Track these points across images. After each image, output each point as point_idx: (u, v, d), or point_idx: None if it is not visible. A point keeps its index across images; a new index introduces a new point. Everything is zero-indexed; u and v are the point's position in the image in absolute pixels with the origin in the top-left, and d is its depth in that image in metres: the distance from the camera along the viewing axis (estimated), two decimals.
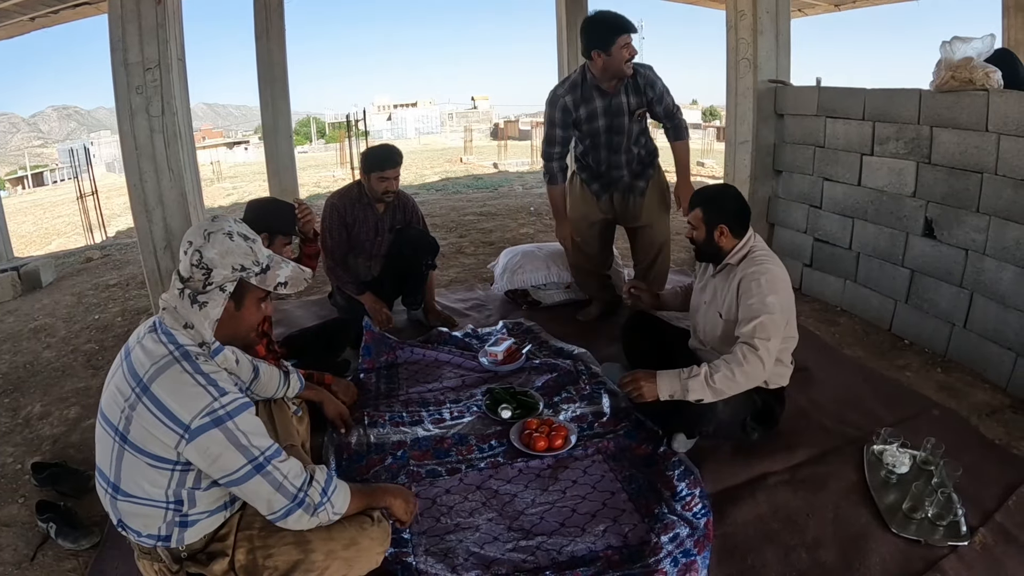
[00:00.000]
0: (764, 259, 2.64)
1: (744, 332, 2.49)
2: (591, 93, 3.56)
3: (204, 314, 1.68)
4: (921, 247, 3.78)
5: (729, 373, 2.43)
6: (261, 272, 1.74)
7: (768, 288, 2.52)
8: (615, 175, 3.79)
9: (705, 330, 2.85)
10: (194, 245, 1.66)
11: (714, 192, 2.80)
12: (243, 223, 1.78)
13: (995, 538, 2.21)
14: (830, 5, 9.75)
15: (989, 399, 3.24)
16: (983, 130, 3.34)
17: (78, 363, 3.94)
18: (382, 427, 2.87)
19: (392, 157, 3.80)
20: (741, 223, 2.69)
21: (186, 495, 1.67)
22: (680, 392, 2.47)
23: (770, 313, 2.48)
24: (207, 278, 1.66)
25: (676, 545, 2.10)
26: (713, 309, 2.78)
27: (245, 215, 2.93)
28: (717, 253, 2.73)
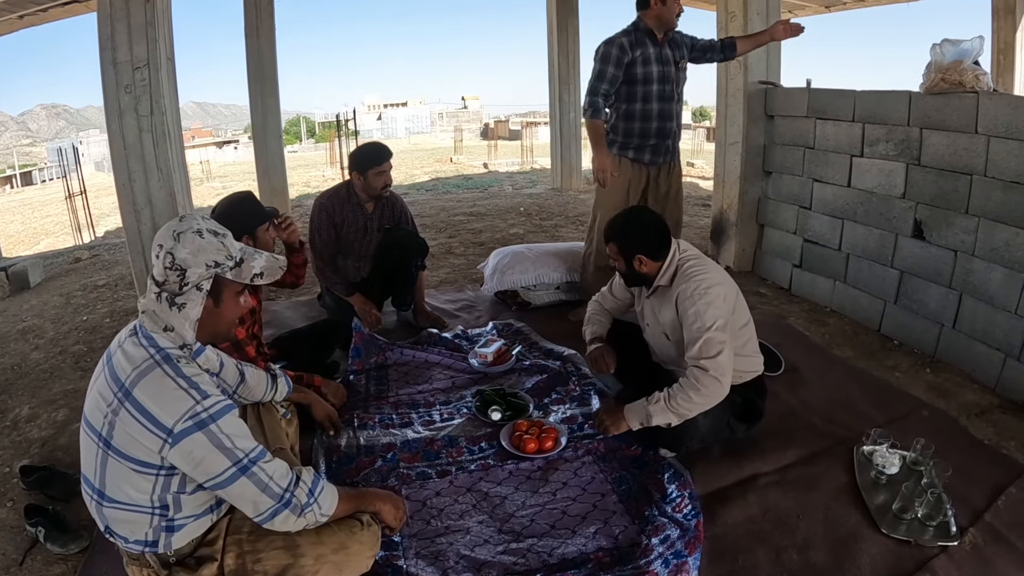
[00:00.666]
0: (694, 271, 2.59)
1: (692, 355, 2.47)
2: (644, 39, 3.71)
3: (184, 315, 1.66)
4: (910, 248, 3.79)
5: (686, 396, 2.42)
6: (236, 266, 1.72)
7: (703, 305, 2.48)
8: (668, 127, 3.85)
9: (660, 349, 2.85)
10: (165, 248, 1.63)
11: (620, 225, 2.72)
12: (212, 219, 1.76)
13: (985, 538, 2.22)
14: (820, 6, 9.82)
15: (978, 399, 3.25)
16: (973, 132, 3.35)
17: (66, 365, 3.91)
18: (372, 429, 2.86)
19: (386, 150, 3.85)
20: (656, 247, 2.65)
21: (171, 500, 1.66)
22: (646, 419, 2.49)
23: (712, 330, 2.45)
24: (182, 279, 1.63)
25: (667, 546, 2.09)
26: (658, 330, 2.77)
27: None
28: (644, 278, 2.71)
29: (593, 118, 3.79)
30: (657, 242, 2.65)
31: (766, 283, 5.03)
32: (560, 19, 9.50)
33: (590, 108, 3.78)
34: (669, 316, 2.64)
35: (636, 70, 3.70)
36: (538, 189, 11.03)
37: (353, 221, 3.88)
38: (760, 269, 5.18)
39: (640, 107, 3.77)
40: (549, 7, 9.64)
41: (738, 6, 4.78)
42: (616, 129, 3.87)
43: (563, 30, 9.55)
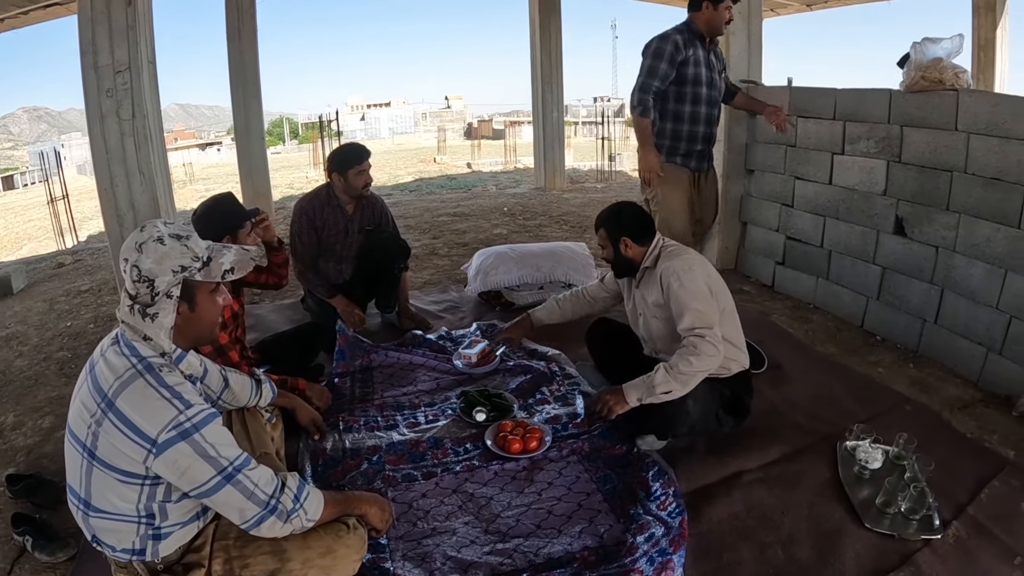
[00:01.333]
0: (676, 251, 2.78)
1: (683, 327, 2.58)
2: (695, 41, 3.71)
3: (158, 325, 1.65)
4: (892, 245, 3.83)
5: (687, 362, 2.49)
6: (204, 266, 1.70)
7: (687, 279, 2.63)
8: (712, 132, 3.87)
9: (653, 338, 2.91)
10: (130, 261, 1.62)
11: (611, 210, 2.91)
12: (172, 223, 1.74)
13: (968, 531, 2.25)
14: (802, 5, 9.87)
15: (961, 393, 3.29)
16: (953, 129, 3.40)
17: (51, 371, 3.89)
18: (357, 432, 2.85)
19: (364, 150, 3.87)
20: (643, 231, 2.82)
21: (157, 508, 1.65)
22: (647, 392, 2.52)
23: (698, 299, 2.59)
24: (152, 289, 1.62)
25: (652, 544, 2.11)
26: (649, 315, 2.85)
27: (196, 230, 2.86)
28: (631, 264, 2.85)
29: (643, 116, 3.71)
30: (642, 227, 2.81)
31: (749, 280, 5.06)
32: (543, 18, 9.54)
33: (639, 106, 3.70)
34: (655, 295, 2.74)
35: (688, 70, 3.68)
36: (522, 189, 11.05)
37: (334, 223, 3.88)
38: (743, 267, 5.21)
39: (689, 109, 3.75)
40: (532, 7, 9.68)
41: None
42: (663, 132, 3.83)
43: (546, 29, 9.59)
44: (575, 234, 6.89)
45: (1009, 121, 3.12)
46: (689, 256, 2.76)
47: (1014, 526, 2.28)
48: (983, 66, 8.67)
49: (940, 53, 3.50)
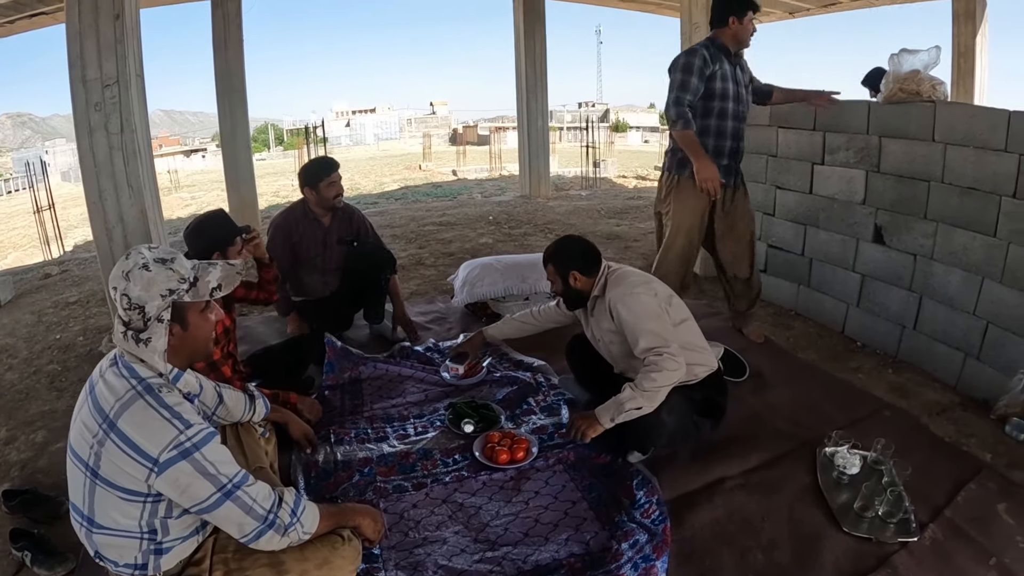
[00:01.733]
0: (619, 276, 2.87)
1: (640, 350, 2.64)
2: (720, 55, 3.68)
3: (152, 348, 1.68)
4: (871, 253, 3.91)
5: (650, 379, 2.55)
6: (191, 286, 1.74)
7: (633, 302, 2.72)
8: (740, 147, 3.84)
9: (616, 359, 2.98)
10: (119, 289, 1.67)
11: (557, 245, 3.01)
12: (157, 247, 1.78)
13: (944, 533, 2.32)
14: (785, 13, 9.96)
15: (939, 398, 3.37)
16: (930, 140, 3.48)
17: (41, 385, 3.88)
18: (348, 444, 2.89)
19: (333, 162, 3.98)
20: (589, 264, 2.90)
21: (159, 524, 1.69)
22: (617, 411, 2.58)
23: (647, 322, 2.67)
24: (143, 315, 1.66)
25: (636, 551, 2.17)
26: (606, 340, 2.93)
27: (189, 249, 2.91)
28: (580, 295, 2.95)
29: (685, 128, 3.62)
30: (588, 260, 2.90)
31: None
32: (527, 28, 9.57)
33: (680, 120, 3.62)
34: (608, 322, 2.83)
35: (715, 84, 3.65)
36: (507, 197, 11.07)
37: (311, 236, 3.93)
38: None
39: (715, 123, 3.71)
40: (516, 16, 9.71)
41: (701, 17, 4.90)
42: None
43: (530, 39, 9.62)
44: None
45: (985, 132, 3.20)
46: (632, 279, 2.83)
47: (990, 528, 2.35)
48: (963, 74, 8.75)
49: (917, 65, 3.59)
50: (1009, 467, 2.75)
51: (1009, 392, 3.08)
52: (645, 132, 54.10)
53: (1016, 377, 3.08)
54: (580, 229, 7.54)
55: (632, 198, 10.78)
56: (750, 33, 3.70)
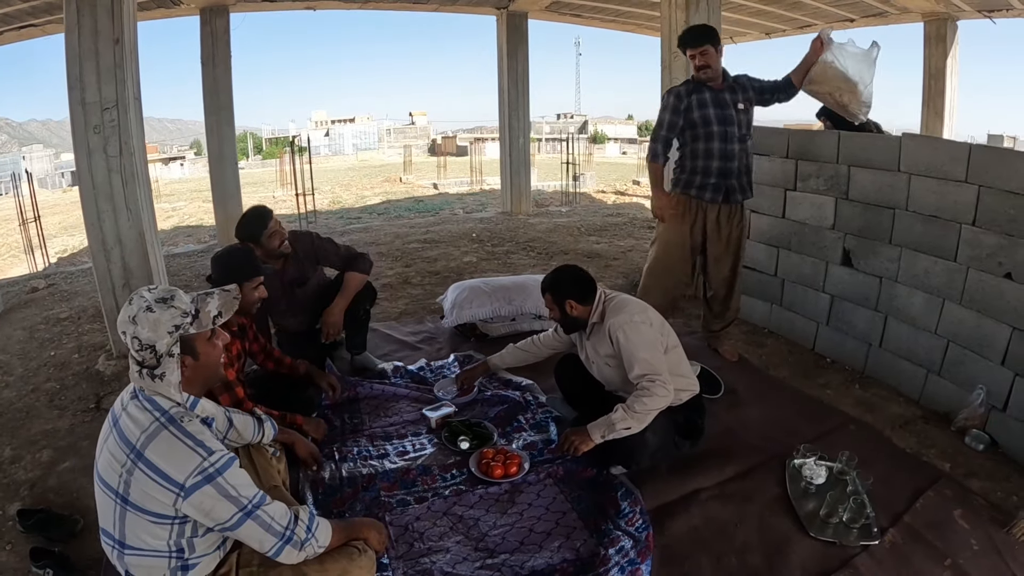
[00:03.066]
0: (616, 306, 3.00)
1: (634, 375, 2.83)
2: (701, 87, 3.95)
3: (167, 383, 1.83)
4: (840, 275, 4.12)
5: (641, 403, 2.74)
6: (193, 319, 1.87)
7: (631, 331, 2.87)
8: (730, 167, 3.97)
9: (608, 380, 3.15)
10: (128, 334, 1.79)
11: (552, 277, 3.14)
12: (156, 288, 1.90)
13: (903, 537, 2.53)
14: (761, 33, 10.22)
15: (903, 412, 3.56)
16: (896, 170, 3.69)
17: (41, 403, 3.91)
18: (352, 461, 3.04)
19: (265, 211, 3.73)
20: (584, 292, 3.04)
21: (186, 543, 1.83)
22: (608, 430, 2.77)
23: (643, 351, 2.84)
24: (155, 354, 1.80)
25: (622, 556, 2.36)
26: (601, 363, 3.09)
27: (212, 272, 3.15)
28: (576, 322, 3.08)
29: (652, 161, 4.07)
30: (584, 289, 3.04)
31: None
32: (511, 47, 9.67)
33: (649, 153, 4.07)
34: (606, 348, 2.99)
35: (693, 115, 3.91)
36: (488, 213, 11.12)
37: (269, 287, 3.47)
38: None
39: (703, 146, 3.94)
40: (500, 35, 9.81)
41: None
42: (683, 167, 4.09)
43: (513, 58, 9.71)
44: (542, 261, 7.05)
45: (947, 164, 3.40)
46: (631, 307, 2.98)
47: (946, 532, 2.56)
48: (933, 94, 8.96)
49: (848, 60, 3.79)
50: (967, 476, 2.96)
51: (968, 406, 3.29)
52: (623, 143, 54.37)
53: (975, 392, 3.28)
54: (561, 247, 7.69)
55: (611, 215, 10.92)
56: (697, 69, 3.93)
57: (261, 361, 3.40)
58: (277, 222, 3.72)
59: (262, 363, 3.41)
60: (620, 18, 10.11)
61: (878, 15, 8.87)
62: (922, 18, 8.78)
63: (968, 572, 2.36)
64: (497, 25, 9.86)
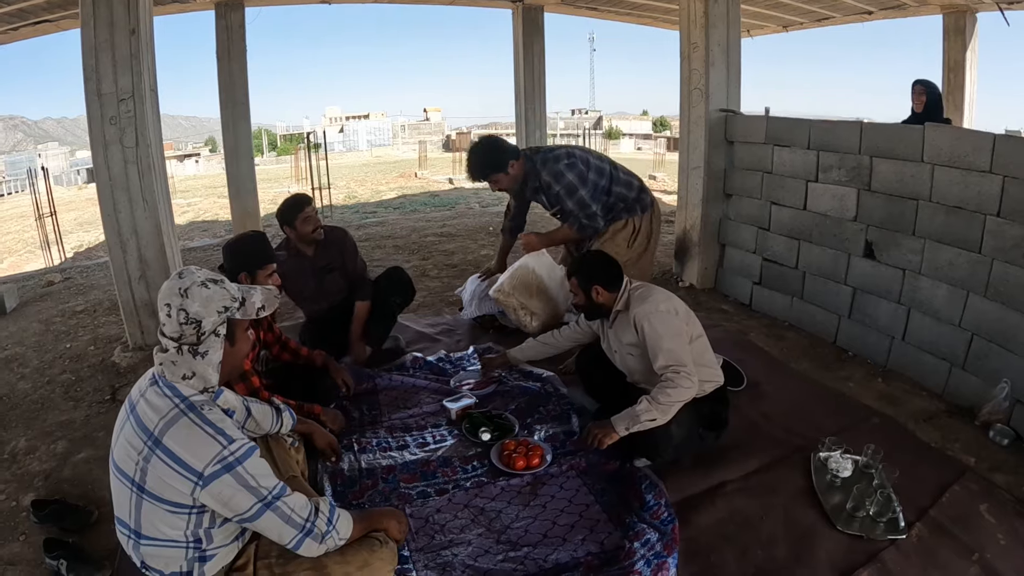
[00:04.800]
0: (642, 294, 2.95)
1: (659, 365, 2.78)
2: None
3: (208, 362, 1.79)
4: (862, 267, 4.06)
5: (666, 395, 2.70)
6: (241, 305, 1.86)
7: (657, 321, 2.82)
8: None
9: (631, 371, 3.10)
10: (174, 306, 1.75)
11: (579, 262, 3.13)
12: (204, 269, 1.88)
13: (930, 531, 2.49)
14: (778, 26, 10.12)
15: (926, 406, 3.51)
16: (919, 161, 3.62)
17: (57, 395, 3.92)
18: (371, 453, 3.03)
19: (303, 198, 3.93)
20: (611, 279, 3.01)
21: (203, 533, 1.80)
22: (632, 422, 2.72)
23: (668, 340, 2.79)
24: (199, 330, 1.76)
25: (648, 549, 2.33)
26: (624, 352, 3.05)
27: (224, 261, 3.11)
28: (600, 309, 3.04)
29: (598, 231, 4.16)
30: (611, 275, 3.00)
31: (728, 300, 5.26)
32: (526, 41, 9.63)
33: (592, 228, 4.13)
34: (630, 336, 2.94)
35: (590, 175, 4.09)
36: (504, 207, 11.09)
37: (298, 270, 3.87)
38: (722, 286, 5.42)
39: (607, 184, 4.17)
40: (515, 28, 9.77)
41: (700, 38, 5.00)
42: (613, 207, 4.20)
43: (529, 52, 9.67)
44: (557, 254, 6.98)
45: (971, 154, 3.35)
46: (656, 296, 2.93)
47: (972, 526, 2.51)
48: (952, 88, 8.83)
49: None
50: (991, 470, 2.91)
51: (992, 400, 3.24)
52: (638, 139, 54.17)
53: (999, 386, 3.22)
54: None
55: None
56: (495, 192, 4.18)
57: (276, 352, 3.39)
58: (314, 209, 3.89)
59: (277, 354, 3.40)
60: (636, 11, 10.03)
61: (896, 7, 8.75)
62: (940, 10, 8.65)
63: (995, 566, 2.33)
64: (513, 18, 9.83)
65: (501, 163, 4.01)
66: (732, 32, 5.10)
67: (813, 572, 2.31)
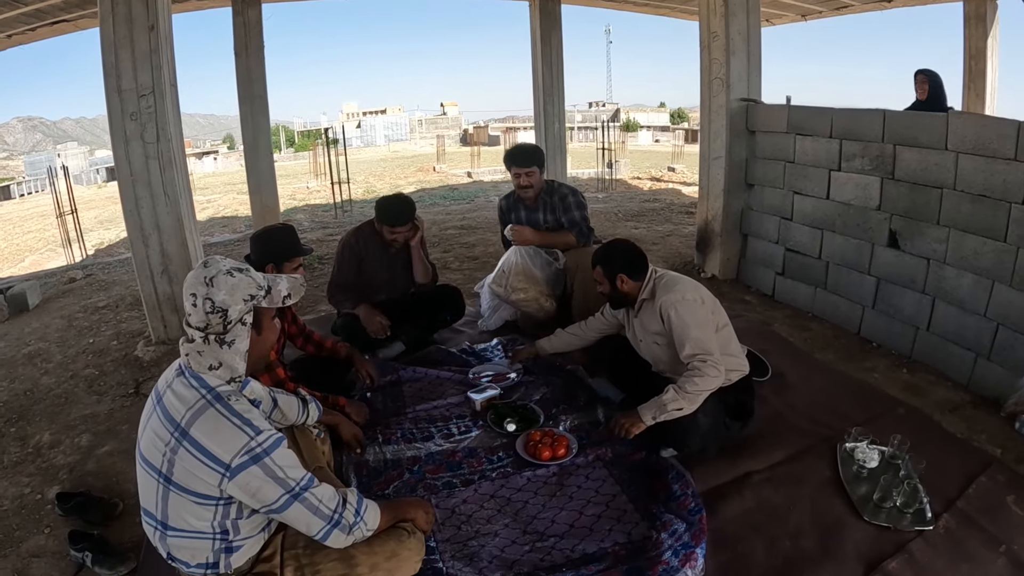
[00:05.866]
0: (668, 283, 2.94)
1: (686, 355, 2.77)
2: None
3: (235, 350, 1.79)
4: (886, 257, 4.02)
5: (693, 383, 2.68)
6: (267, 294, 1.85)
7: (684, 310, 2.81)
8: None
9: (657, 360, 3.09)
10: (200, 295, 1.74)
11: (604, 251, 3.10)
12: (227, 260, 1.87)
13: (957, 522, 2.46)
14: (796, 15, 10.03)
15: (951, 396, 3.48)
16: (943, 149, 3.58)
17: (80, 389, 3.95)
18: (396, 444, 3.03)
19: (402, 216, 3.85)
20: (636, 268, 3.00)
21: (230, 525, 1.80)
22: (659, 411, 2.71)
23: (695, 329, 2.78)
24: (225, 319, 1.76)
25: (675, 539, 2.32)
26: (649, 341, 3.04)
27: (251, 251, 3.12)
28: (626, 298, 3.04)
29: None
30: (636, 264, 3.00)
31: (750, 291, 5.24)
32: (544, 32, 9.54)
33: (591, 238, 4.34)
34: (656, 325, 2.93)
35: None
36: None
37: (378, 259, 3.96)
38: (744, 277, 5.39)
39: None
40: (532, 21, 9.70)
41: (720, 26, 4.97)
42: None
43: (547, 43, 9.59)
44: None
45: (995, 142, 3.30)
46: (682, 284, 2.92)
47: (999, 517, 2.49)
48: (974, 76, 8.74)
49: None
50: (1018, 462, 2.88)
51: (1018, 391, 3.20)
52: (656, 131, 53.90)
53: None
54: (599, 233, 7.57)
55: (648, 200, 10.83)
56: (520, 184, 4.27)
57: (300, 344, 3.40)
58: (409, 228, 3.89)
59: (301, 346, 3.42)
60: (654, 1, 9.97)
61: None
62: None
63: (1022, 558, 2.30)
64: (530, 10, 9.74)
65: (543, 163, 4.32)
66: (752, 20, 5.05)
67: (841, 563, 2.29)
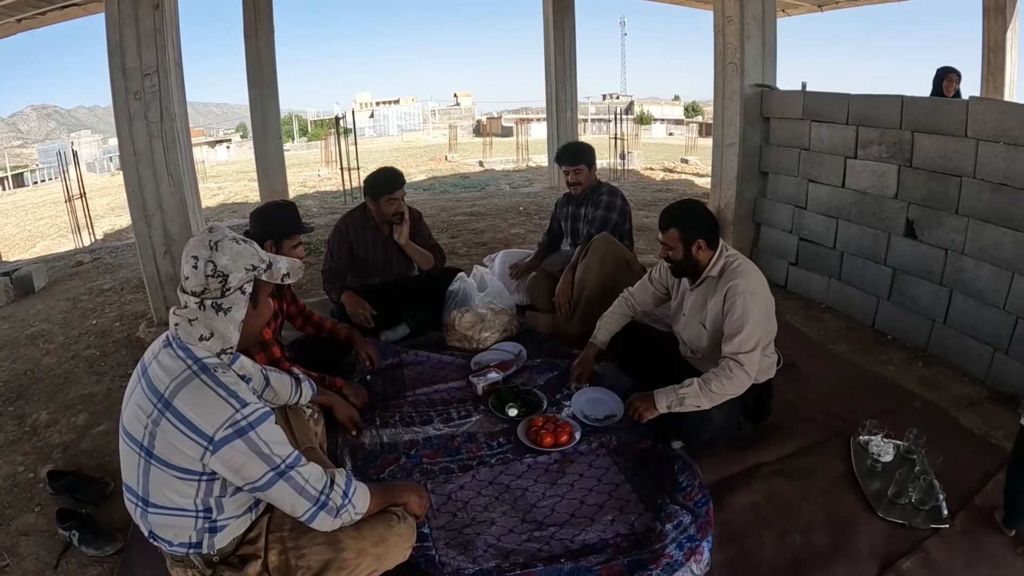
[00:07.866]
0: (743, 269, 2.75)
1: (729, 349, 2.64)
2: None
3: (230, 319, 1.73)
4: (903, 247, 3.92)
5: (719, 384, 2.59)
6: (268, 268, 1.80)
7: (751, 303, 2.66)
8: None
9: (691, 340, 2.97)
10: (202, 258, 1.69)
11: (684, 210, 2.86)
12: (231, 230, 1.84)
13: (974, 520, 2.37)
14: (813, 6, 9.92)
15: (968, 391, 3.38)
16: (963, 136, 3.48)
17: (80, 369, 3.94)
18: (393, 427, 2.97)
19: (398, 178, 3.89)
20: (714, 235, 2.81)
21: (214, 503, 1.74)
22: (676, 402, 2.62)
23: (752, 326, 2.64)
24: (224, 284, 1.70)
25: (680, 531, 2.23)
26: (695, 321, 2.90)
27: (251, 226, 3.04)
28: (695, 267, 2.83)
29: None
30: (716, 231, 2.82)
31: None
32: (557, 18, 9.55)
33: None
34: (715, 307, 2.77)
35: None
36: (535, 188, 11.06)
37: (372, 243, 3.92)
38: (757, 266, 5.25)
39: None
40: (546, 7, 9.69)
41: (735, 11, 4.87)
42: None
43: (560, 29, 9.59)
44: None
45: (1016, 129, 3.20)
46: (754, 275, 2.75)
47: None
48: (993, 68, 8.67)
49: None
50: None
51: None
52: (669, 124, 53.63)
53: None
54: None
55: (660, 190, 10.75)
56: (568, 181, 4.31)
57: (300, 325, 3.35)
58: (403, 193, 3.88)
59: (300, 327, 3.36)
60: None
61: None
62: None
63: None
64: None
65: (593, 161, 4.29)
66: (767, 5, 4.94)
67: (854, 561, 2.20)
